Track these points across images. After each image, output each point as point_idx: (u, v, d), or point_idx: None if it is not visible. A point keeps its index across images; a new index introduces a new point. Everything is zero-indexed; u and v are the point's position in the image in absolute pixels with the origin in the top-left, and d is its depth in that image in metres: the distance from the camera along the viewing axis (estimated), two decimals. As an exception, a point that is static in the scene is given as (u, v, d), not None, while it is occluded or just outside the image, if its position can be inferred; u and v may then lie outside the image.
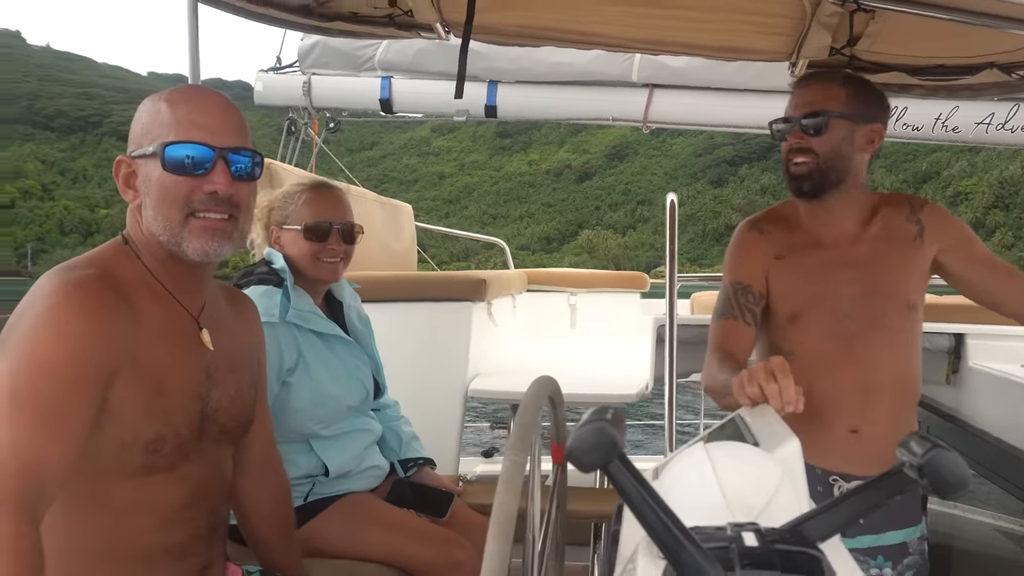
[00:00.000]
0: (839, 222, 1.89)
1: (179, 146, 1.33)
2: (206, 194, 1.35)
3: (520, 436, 0.97)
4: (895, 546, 1.84)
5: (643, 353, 3.31)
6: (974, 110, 4.21)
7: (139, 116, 1.39)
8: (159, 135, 1.34)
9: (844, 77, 1.90)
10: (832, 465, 1.83)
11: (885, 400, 1.84)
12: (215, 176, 1.35)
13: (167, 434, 1.31)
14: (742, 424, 1.18)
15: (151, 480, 1.32)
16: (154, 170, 1.34)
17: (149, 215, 1.36)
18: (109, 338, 1.22)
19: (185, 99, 1.38)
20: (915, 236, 1.86)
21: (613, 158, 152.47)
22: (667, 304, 2.40)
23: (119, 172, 1.37)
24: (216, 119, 1.38)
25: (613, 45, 2.96)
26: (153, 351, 1.30)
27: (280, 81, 4.95)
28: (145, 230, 1.37)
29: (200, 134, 1.35)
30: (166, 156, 1.33)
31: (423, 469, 2.39)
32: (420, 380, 3.06)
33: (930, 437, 0.67)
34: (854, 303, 1.83)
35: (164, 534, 1.36)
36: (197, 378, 1.39)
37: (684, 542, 0.57)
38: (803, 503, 0.82)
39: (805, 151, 1.82)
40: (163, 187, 1.34)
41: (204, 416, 1.39)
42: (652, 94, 4.54)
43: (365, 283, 2.58)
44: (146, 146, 1.35)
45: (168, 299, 1.38)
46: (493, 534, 0.81)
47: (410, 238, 4.80)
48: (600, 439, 0.59)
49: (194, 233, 1.35)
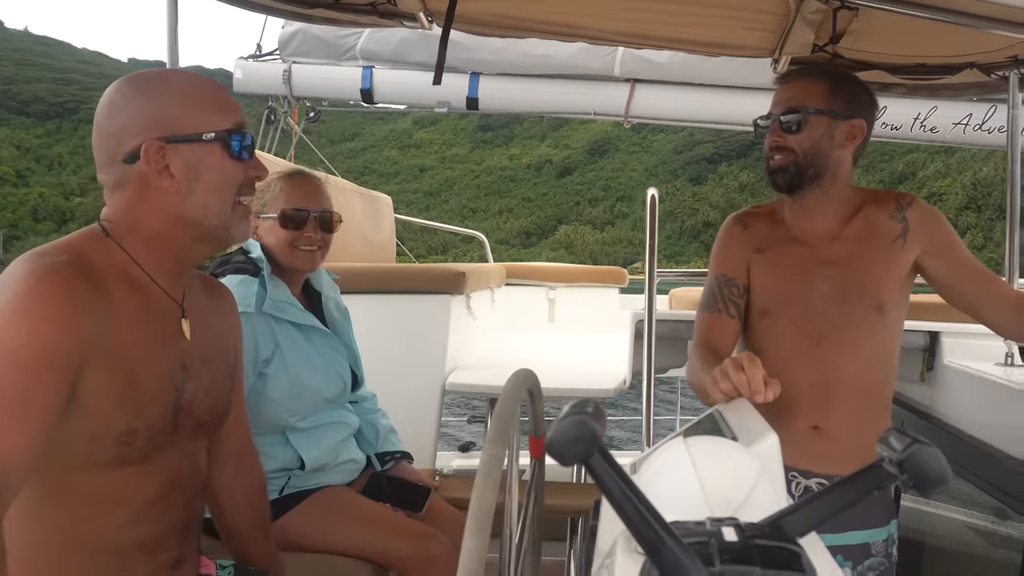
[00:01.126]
0: (817, 219, 1.89)
1: (239, 134, 1.37)
2: (250, 179, 1.40)
3: (499, 429, 0.96)
4: (856, 546, 1.82)
5: (621, 348, 3.31)
6: (952, 110, 4.26)
7: (160, 98, 1.34)
8: (212, 121, 1.35)
9: (824, 72, 1.89)
10: (792, 461, 1.81)
11: (848, 399, 1.82)
12: (256, 162, 1.41)
13: (139, 426, 1.28)
14: (720, 419, 1.18)
15: (123, 473, 1.30)
16: (211, 155, 1.34)
17: (197, 200, 1.35)
18: (79, 326, 1.18)
19: (214, 87, 1.40)
20: (898, 235, 1.85)
21: (594, 153, 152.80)
22: (646, 299, 2.40)
23: (151, 156, 1.32)
24: (236, 106, 1.42)
25: (596, 38, 2.95)
26: (126, 341, 1.27)
27: (260, 69, 4.91)
28: (171, 216, 1.34)
29: (239, 121, 1.39)
30: (233, 142, 1.36)
31: (400, 463, 2.38)
32: (397, 373, 3.04)
33: (910, 433, 0.67)
34: (825, 301, 1.83)
35: (137, 528, 1.33)
36: (172, 369, 1.36)
37: (664, 537, 0.57)
38: (781, 498, 0.82)
39: (783, 148, 1.83)
40: (225, 172, 1.36)
41: (178, 408, 1.36)
42: (634, 89, 4.56)
43: (343, 274, 2.56)
44: (196, 130, 1.33)
45: (146, 288, 1.35)
46: (471, 528, 0.80)
47: (389, 230, 4.78)
48: (581, 432, 0.58)
49: (240, 218, 1.40)
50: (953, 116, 4.27)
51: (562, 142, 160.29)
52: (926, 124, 4.31)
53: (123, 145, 1.32)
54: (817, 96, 1.82)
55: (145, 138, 1.31)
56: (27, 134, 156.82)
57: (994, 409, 2.40)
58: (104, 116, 1.35)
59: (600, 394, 3.14)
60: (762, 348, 1.86)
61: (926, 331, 2.91)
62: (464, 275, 3.38)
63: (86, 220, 1.57)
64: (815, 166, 1.82)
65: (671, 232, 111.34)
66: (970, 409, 2.57)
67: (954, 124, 4.30)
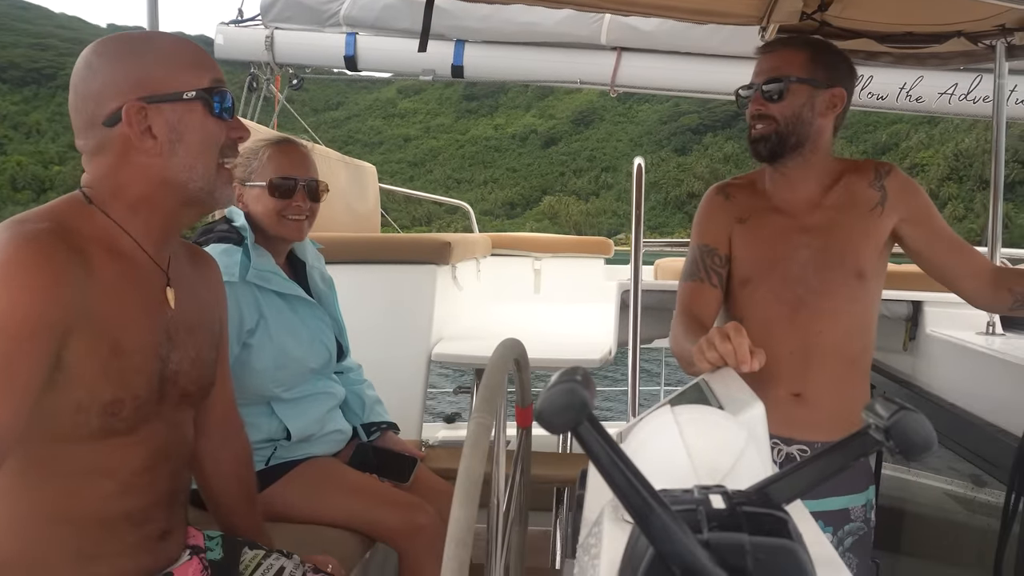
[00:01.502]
0: (798, 187, 1.90)
1: (218, 92, 1.34)
2: (231, 141, 1.38)
3: (486, 399, 0.96)
4: (835, 512, 1.85)
5: (607, 318, 3.32)
6: (938, 80, 4.26)
7: (143, 59, 1.31)
8: (191, 80, 1.32)
9: (805, 42, 1.90)
10: (773, 429, 1.81)
11: (828, 366, 1.85)
12: (237, 123, 1.38)
13: (125, 396, 1.27)
14: (706, 388, 1.18)
15: (109, 444, 1.28)
16: (192, 114, 1.31)
17: (181, 162, 1.32)
18: (61, 295, 1.16)
19: (192, 45, 1.37)
20: (876, 203, 1.87)
21: (579, 124, 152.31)
22: (632, 269, 2.40)
23: (132, 118, 1.28)
24: (215, 64, 1.38)
25: (584, 4, 2.92)
26: (110, 310, 1.25)
27: (242, 35, 4.83)
28: (155, 179, 1.32)
29: (220, 79, 1.36)
30: (214, 101, 1.33)
31: (386, 434, 2.38)
32: (383, 343, 3.04)
33: (895, 400, 0.67)
34: (804, 269, 1.85)
35: (124, 499, 1.32)
36: (157, 339, 1.34)
37: (653, 504, 0.57)
38: (767, 466, 0.82)
39: (765, 117, 1.83)
40: (207, 132, 1.33)
41: (164, 378, 1.35)
42: (620, 57, 4.52)
43: (328, 244, 2.54)
44: (178, 89, 1.30)
45: (131, 256, 1.32)
46: (459, 498, 0.80)
47: (374, 200, 4.74)
48: (571, 400, 0.58)
49: (224, 181, 1.38)
50: (939, 86, 4.27)
51: (547, 112, 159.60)
52: (912, 94, 4.31)
53: (102, 108, 1.29)
54: (798, 65, 1.82)
55: (125, 99, 1.28)
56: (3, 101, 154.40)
57: (975, 378, 2.42)
58: (81, 79, 1.31)
59: (585, 364, 3.13)
60: (743, 316, 1.88)
61: (909, 300, 2.93)
62: (450, 245, 3.37)
63: (65, 188, 1.54)
64: (796, 134, 1.83)
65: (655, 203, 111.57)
66: (952, 378, 2.60)
67: (940, 94, 4.29)
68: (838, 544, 1.87)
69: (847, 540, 1.87)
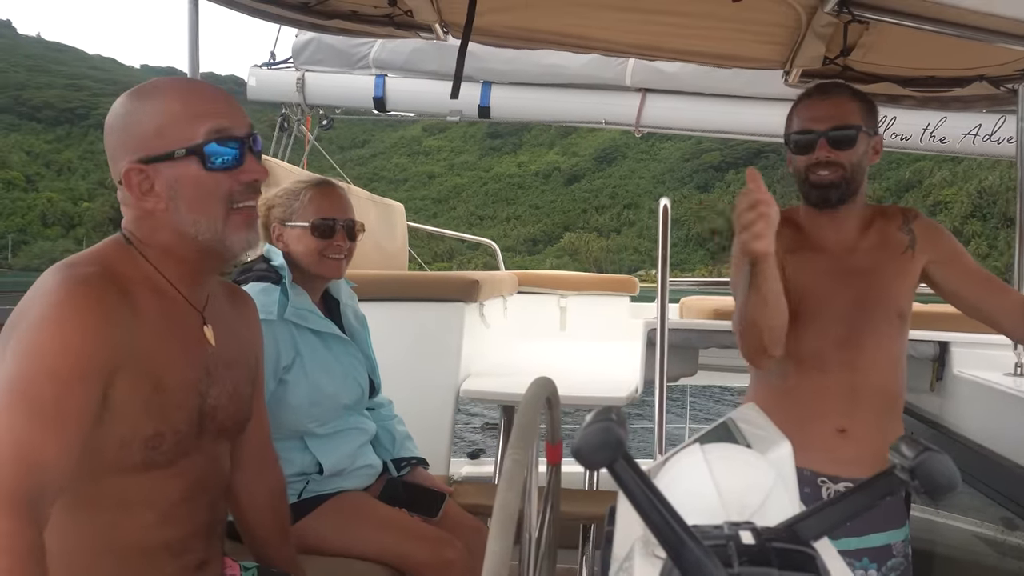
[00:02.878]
0: (842, 230, 1.93)
1: (216, 143, 1.33)
2: (244, 185, 1.37)
3: (521, 436, 0.99)
4: (879, 548, 1.88)
5: (633, 356, 3.33)
6: (961, 121, 4.27)
7: (137, 118, 1.34)
8: (184, 135, 1.32)
9: (852, 91, 1.93)
10: (820, 467, 1.87)
11: (872, 403, 1.89)
12: (250, 165, 1.37)
13: (166, 431, 1.31)
14: (733, 427, 1.20)
15: (150, 476, 1.32)
16: (188, 171, 1.32)
17: (185, 218, 1.34)
18: (110, 336, 1.21)
19: (196, 95, 1.37)
20: (907, 247, 1.92)
21: (602, 161, 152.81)
22: (658, 307, 2.42)
23: (132, 181, 1.32)
24: (230, 108, 1.38)
25: (609, 49, 2.99)
26: (154, 348, 1.30)
27: (274, 77, 4.94)
28: (170, 231, 1.35)
29: (227, 123, 1.35)
30: (206, 154, 1.32)
31: (416, 469, 2.41)
32: (412, 380, 3.07)
33: (921, 440, 0.69)
34: (849, 309, 1.88)
35: (163, 530, 1.36)
36: (197, 375, 1.39)
37: (685, 539, 0.60)
38: (795, 504, 0.84)
39: (833, 164, 1.84)
40: (205, 186, 1.33)
41: (203, 413, 1.39)
42: (645, 98, 4.58)
43: (360, 281, 2.60)
44: (169, 148, 1.32)
45: (171, 296, 1.37)
46: (495, 532, 0.82)
47: (402, 238, 4.81)
48: (607, 438, 0.61)
49: (236, 226, 1.37)
50: (962, 127, 4.28)
51: (570, 149, 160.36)
52: (935, 134, 4.32)
53: (117, 166, 1.35)
54: (859, 114, 1.86)
55: (128, 162, 1.33)
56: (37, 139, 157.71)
57: (1004, 419, 2.41)
58: (105, 136, 1.37)
59: (612, 402, 3.16)
60: (790, 353, 1.88)
61: (936, 341, 2.92)
62: (478, 283, 3.41)
63: (93, 225, 1.61)
64: (857, 181, 1.88)
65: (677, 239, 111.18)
66: (980, 419, 2.59)
67: (963, 135, 4.30)
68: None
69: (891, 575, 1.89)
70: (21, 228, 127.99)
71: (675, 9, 2.51)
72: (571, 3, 2.55)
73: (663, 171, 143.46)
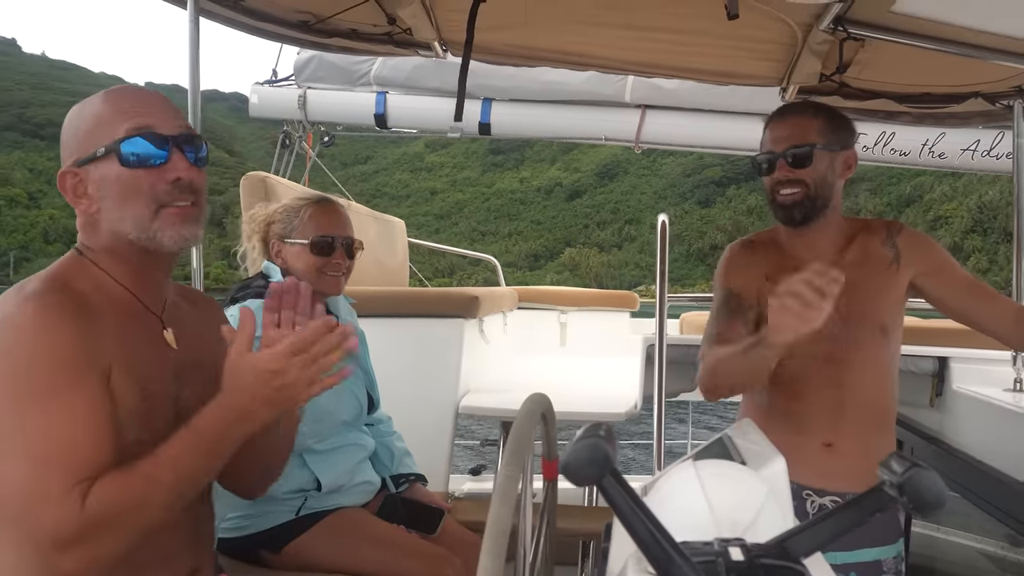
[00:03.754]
0: (818, 247, 1.95)
1: (134, 140, 1.32)
2: (170, 183, 1.35)
3: (514, 451, 0.99)
4: (868, 563, 1.88)
5: (632, 372, 3.33)
6: (960, 137, 4.28)
7: (74, 124, 1.37)
8: (107, 135, 1.33)
9: (813, 108, 1.96)
10: (806, 480, 1.89)
11: (858, 418, 1.90)
12: (176, 163, 1.35)
13: (146, 438, 1.30)
14: (729, 443, 1.20)
15: None
16: (110, 170, 1.33)
17: (114, 216, 1.34)
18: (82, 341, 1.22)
19: (122, 97, 1.38)
20: (891, 261, 1.93)
21: (603, 177, 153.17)
22: (656, 323, 2.43)
23: (66, 184, 1.35)
24: (159, 109, 1.38)
25: (607, 67, 3.01)
26: (120, 357, 1.29)
27: (276, 94, 4.97)
28: (107, 233, 1.36)
29: (149, 122, 1.34)
30: (123, 152, 1.32)
31: (414, 485, 2.41)
32: (412, 396, 3.07)
33: (909, 456, 0.70)
34: (831, 325, 1.86)
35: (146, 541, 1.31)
36: (166, 379, 1.39)
37: (674, 556, 0.60)
38: (788, 520, 0.84)
39: (794, 182, 1.87)
40: (125, 184, 1.33)
41: (178, 416, 1.37)
42: (644, 115, 4.60)
43: (359, 297, 2.60)
44: (91, 149, 1.34)
45: (130, 302, 1.37)
46: (487, 548, 0.82)
47: (403, 254, 4.82)
48: (594, 455, 0.61)
49: (167, 222, 1.35)
50: (961, 142, 4.30)
51: (572, 165, 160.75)
52: (934, 150, 4.33)
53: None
54: (816, 131, 1.88)
55: (64, 167, 1.36)
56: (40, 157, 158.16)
57: (1003, 435, 2.41)
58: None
59: (611, 418, 3.16)
60: (775, 373, 1.87)
61: (935, 356, 2.92)
62: (477, 299, 3.42)
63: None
64: (823, 197, 1.89)
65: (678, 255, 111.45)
66: (979, 435, 2.58)
67: (962, 150, 4.32)
68: None
69: None
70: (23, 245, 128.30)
71: (672, 27, 2.53)
72: (569, 21, 2.57)
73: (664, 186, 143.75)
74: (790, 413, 1.91)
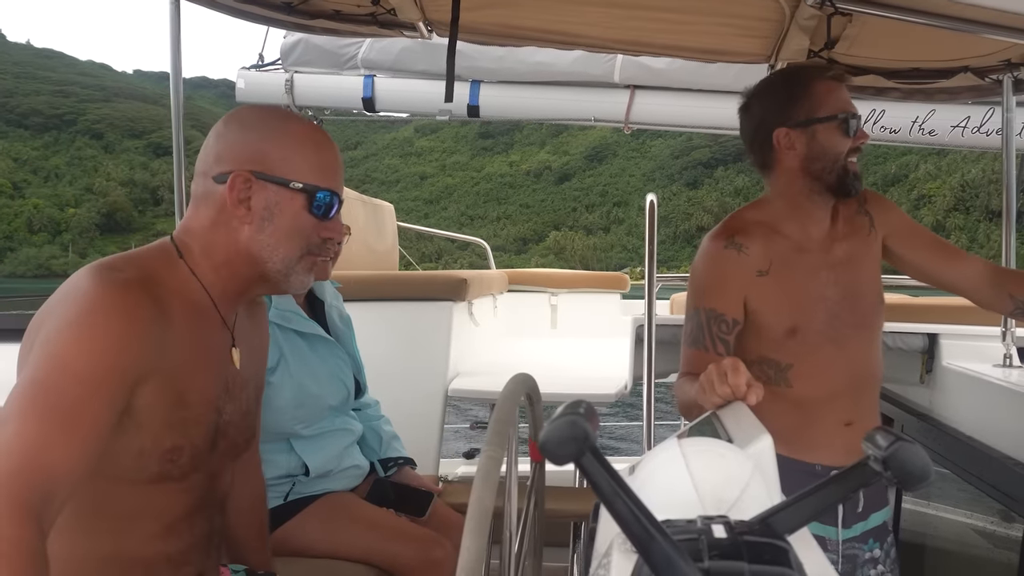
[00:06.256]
0: (823, 223, 1.87)
1: (327, 194, 1.39)
2: (322, 239, 1.41)
3: (496, 432, 0.98)
4: (880, 527, 1.90)
5: (623, 353, 3.33)
6: (950, 113, 4.27)
7: (271, 136, 1.37)
8: (306, 174, 1.37)
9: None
10: (830, 460, 1.84)
11: (871, 392, 1.90)
12: (335, 224, 1.43)
13: (184, 445, 1.30)
14: (717, 422, 1.20)
15: (160, 488, 1.31)
16: (292, 204, 1.36)
17: (267, 241, 1.36)
18: (139, 345, 1.19)
19: (327, 145, 1.43)
20: (869, 228, 1.90)
21: (592, 159, 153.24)
22: (646, 303, 2.42)
23: (236, 185, 1.34)
24: (339, 169, 1.44)
25: (595, 46, 2.98)
26: (181, 362, 1.28)
27: (262, 79, 4.92)
28: (240, 247, 1.36)
29: (334, 183, 1.41)
30: (316, 199, 1.37)
31: (403, 469, 2.40)
32: (400, 379, 3.06)
33: (893, 431, 0.69)
34: (840, 305, 1.84)
35: (165, 542, 1.35)
36: (217, 392, 1.38)
37: (654, 534, 0.58)
38: (774, 497, 0.84)
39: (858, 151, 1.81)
40: (299, 224, 1.37)
41: (218, 429, 1.38)
42: (634, 95, 4.57)
43: (347, 282, 2.58)
44: (287, 176, 1.36)
45: (206, 311, 1.36)
46: (469, 528, 0.82)
47: (392, 238, 4.80)
48: (573, 432, 0.60)
49: (305, 270, 1.41)
50: (951, 119, 4.28)
51: (561, 148, 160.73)
52: (924, 127, 4.32)
53: (219, 164, 1.36)
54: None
55: (238, 166, 1.34)
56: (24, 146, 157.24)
57: (993, 411, 2.41)
58: (215, 132, 1.39)
59: (601, 399, 3.16)
60: (794, 363, 1.83)
61: (924, 333, 2.92)
62: (466, 282, 3.40)
63: (80, 230, 1.59)
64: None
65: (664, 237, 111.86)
66: (969, 411, 2.59)
67: (952, 127, 4.30)
68: (885, 557, 1.90)
69: (891, 551, 1.92)
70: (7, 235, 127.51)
71: (658, 4, 2.50)
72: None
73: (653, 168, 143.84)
74: (809, 398, 1.84)
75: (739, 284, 1.81)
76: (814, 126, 1.78)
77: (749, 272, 1.81)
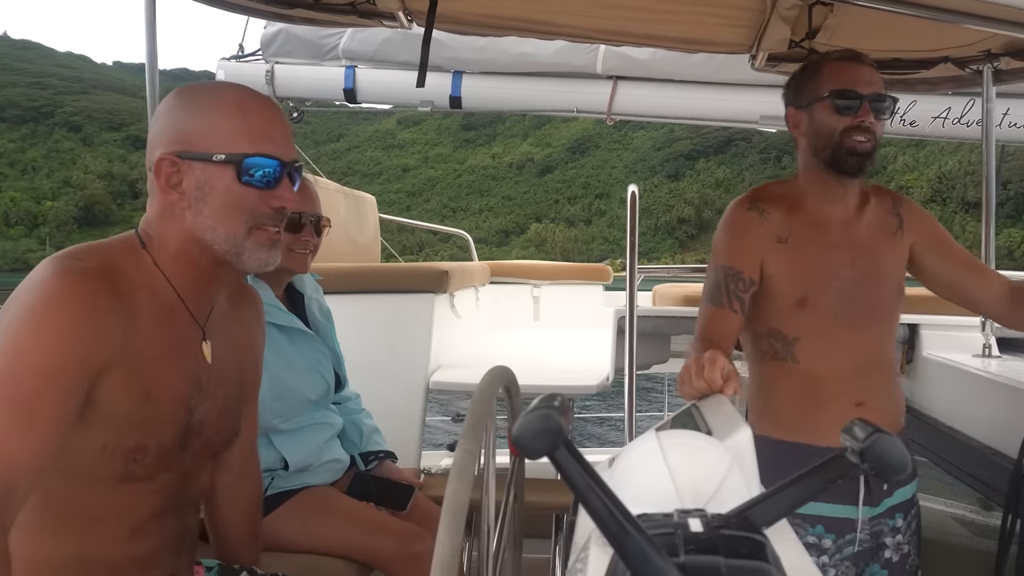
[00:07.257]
0: (847, 203, 1.87)
1: (258, 160, 1.30)
2: (272, 208, 1.33)
3: (472, 425, 0.97)
4: (907, 500, 1.90)
5: (605, 345, 3.32)
6: (931, 104, 4.29)
7: (187, 113, 1.31)
8: (230, 143, 1.29)
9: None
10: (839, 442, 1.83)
11: (884, 376, 1.89)
12: (283, 191, 1.34)
13: (149, 444, 1.27)
14: (697, 414, 1.19)
15: (126, 488, 1.28)
16: (221, 178, 1.29)
17: (206, 223, 1.30)
18: (98, 335, 1.16)
19: (255, 108, 1.34)
20: (896, 228, 1.90)
21: (575, 152, 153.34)
22: (627, 295, 2.41)
23: (161, 170, 1.29)
24: (283, 132, 1.35)
25: (576, 36, 2.97)
26: (146, 356, 1.25)
27: (243, 70, 4.86)
28: (187, 234, 1.31)
29: (273, 148, 1.32)
30: (244, 167, 1.29)
31: (384, 462, 2.39)
32: (381, 372, 3.04)
33: (871, 422, 0.68)
34: (855, 286, 1.84)
35: (132, 543, 1.32)
36: (188, 390, 1.34)
37: (629, 529, 0.57)
38: (753, 489, 0.83)
39: (869, 131, 1.78)
40: (233, 197, 1.30)
41: (189, 428, 1.34)
42: (616, 86, 4.55)
43: (327, 274, 2.56)
44: (210, 151, 1.29)
45: (173, 305, 1.33)
46: (444, 522, 0.80)
47: (374, 230, 4.77)
48: (546, 425, 0.58)
49: (257, 245, 1.33)
50: (932, 110, 4.30)
51: (544, 140, 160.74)
52: (905, 118, 4.34)
53: (152, 154, 1.31)
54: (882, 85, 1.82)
55: (165, 151, 1.29)
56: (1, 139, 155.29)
57: (973, 400, 2.43)
58: (151, 123, 1.34)
59: (583, 391, 3.15)
60: (802, 337, 1.84)
61: (905, 324, 2.94)
62: (448, 274, 3.38)
63: (57, 224, 1.55)
64: (876, 155, 1.84)
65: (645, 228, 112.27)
66: (949, 401, 2.60)
67: (933, 118, 4.32)
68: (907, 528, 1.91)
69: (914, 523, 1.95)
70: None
71: (640, -7, 2.49)
72: (535, -12, 2.53)
73: (635, 160, 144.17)
74: (819, 377, 1.84)
75: (758, 245, 1.85)
76: (813, 105, 1.84)
77: (769, 236, 1.85)
